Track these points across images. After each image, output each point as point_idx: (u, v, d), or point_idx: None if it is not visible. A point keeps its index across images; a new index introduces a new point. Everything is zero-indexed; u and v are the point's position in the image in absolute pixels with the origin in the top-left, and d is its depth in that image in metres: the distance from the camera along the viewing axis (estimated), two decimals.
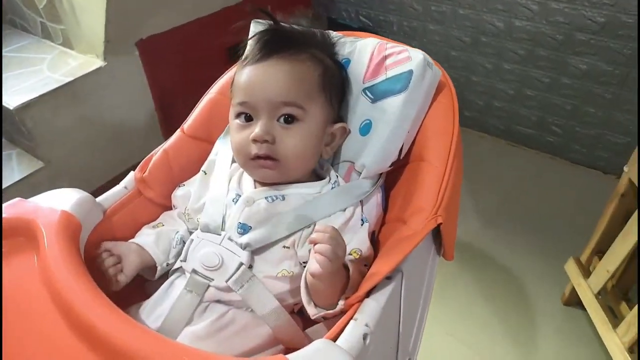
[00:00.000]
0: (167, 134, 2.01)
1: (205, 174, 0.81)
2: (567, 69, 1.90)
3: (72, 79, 1.65)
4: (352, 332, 0.59)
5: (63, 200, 0.73)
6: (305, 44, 0.75)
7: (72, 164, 1.75)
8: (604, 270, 1.32)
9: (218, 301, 0.69)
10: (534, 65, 1.98)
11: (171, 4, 1.83)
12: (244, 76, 0.74)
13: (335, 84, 0.76)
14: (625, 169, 1.29)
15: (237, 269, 0.69)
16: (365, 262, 0.70)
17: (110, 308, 0.59)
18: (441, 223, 0.65)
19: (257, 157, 0.72)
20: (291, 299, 0.72)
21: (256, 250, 0.71)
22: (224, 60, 2.13)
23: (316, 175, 0.79)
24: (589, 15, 1.76)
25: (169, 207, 0.86)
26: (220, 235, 0.72)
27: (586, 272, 1.46)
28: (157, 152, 0.85)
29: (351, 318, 0.61)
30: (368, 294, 0.63)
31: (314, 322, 0.73)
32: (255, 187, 0.75)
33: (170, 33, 1.88)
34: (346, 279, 0.66)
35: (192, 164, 0.88)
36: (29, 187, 1.62)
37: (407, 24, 2.22)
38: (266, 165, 0.72)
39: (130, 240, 0.77)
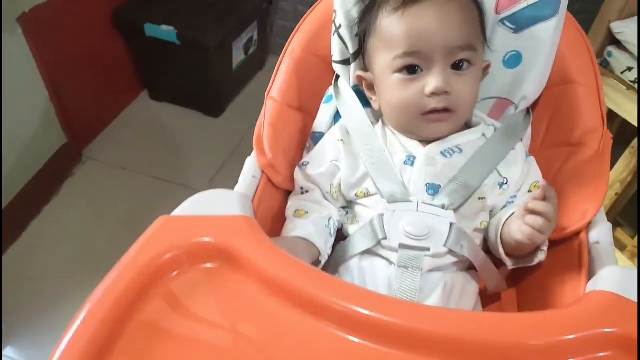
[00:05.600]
0: (68, 127, 1.69)
1: (344, 142, 0.71)
2: None
3: None
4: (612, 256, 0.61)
5: (223, 204, 0.58)
6: None
7: None
8: None
9: (430, 270, 0.64)
10: None
11: None
12: (406, 23, 0.64)
13: (484, 16, 0.71)
14: None
15: (450, 230, 0.64)
16: None
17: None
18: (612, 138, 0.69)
19: (433, 110, 0.66)
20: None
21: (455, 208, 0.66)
22: (110, 24, 1.80)
23: None
24: None
25: (289, 191, 0.74)
26: (411, 201, 0.65)
27: None
28: (264, 130, 0.71)
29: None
30: None
31: None
32: (423, 144, 0.69)
33: (53, 2, 1.51)
34: None
35: (297, 136, 0.76)
36: None
37: None
38: (441, 119, 0.66)
39: (294, 235, 0.66)
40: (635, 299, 0.50)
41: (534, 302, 0.69)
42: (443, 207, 0.65)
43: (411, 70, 0.66)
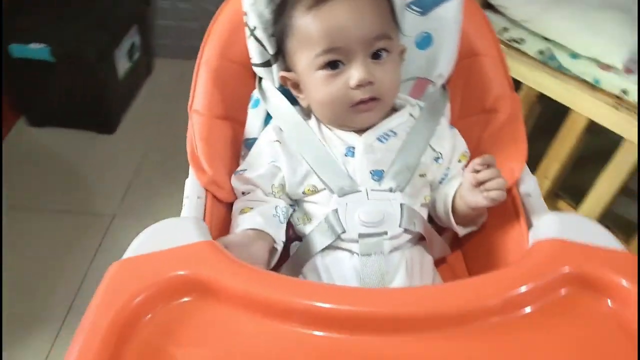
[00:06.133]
0: None
1: (280, 142, 0.71)
2: None
3: None
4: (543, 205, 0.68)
5: (181, 233, 0.55)
6: None
7: None
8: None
9: (390, 252, 0.66)
10: None
11: None
12: (322, 21, 0.65)
13: (393, 4, 0.73)
14: None
15: (402, 210, 0.67)
16: None
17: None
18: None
19: (360, 102, 0.67)
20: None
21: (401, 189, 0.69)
22: None
23: None
24: None
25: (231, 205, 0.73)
26: (360, 191, 0.67)
27: None
28: (197, 146, 0.68)
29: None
30: None
31: None
32: (358, 134, 0.71)
33: None
34: None
35: (230, 146, 0.74)
36: None
37: None
38: (369, 108, 0.68)
39: (243, 229, 0.65)
40: (578, 239, 0.56)
41: (482, 260, 0.74)
42: (390, 190, 0.68)
43: (333, 65, 0.67)
